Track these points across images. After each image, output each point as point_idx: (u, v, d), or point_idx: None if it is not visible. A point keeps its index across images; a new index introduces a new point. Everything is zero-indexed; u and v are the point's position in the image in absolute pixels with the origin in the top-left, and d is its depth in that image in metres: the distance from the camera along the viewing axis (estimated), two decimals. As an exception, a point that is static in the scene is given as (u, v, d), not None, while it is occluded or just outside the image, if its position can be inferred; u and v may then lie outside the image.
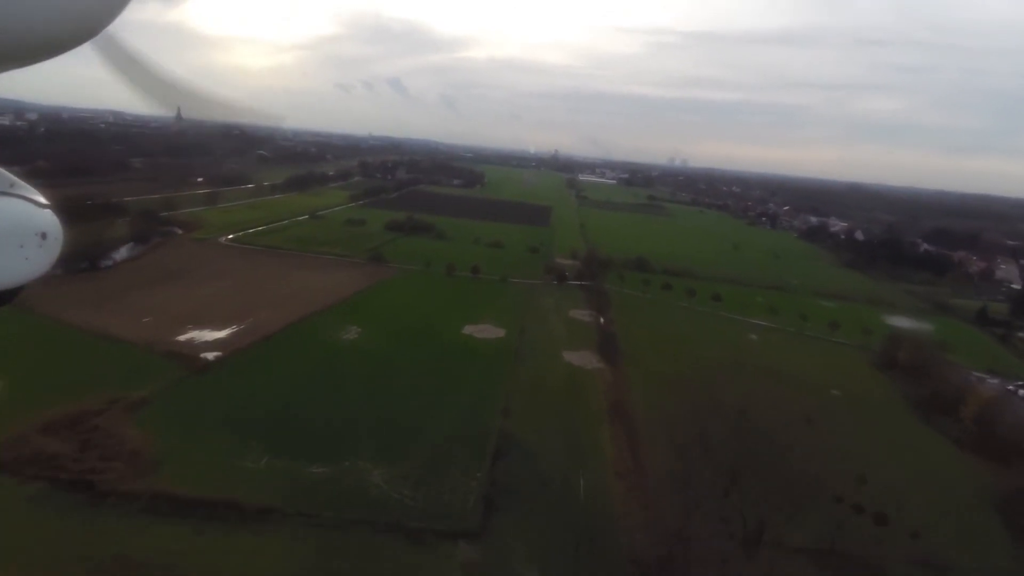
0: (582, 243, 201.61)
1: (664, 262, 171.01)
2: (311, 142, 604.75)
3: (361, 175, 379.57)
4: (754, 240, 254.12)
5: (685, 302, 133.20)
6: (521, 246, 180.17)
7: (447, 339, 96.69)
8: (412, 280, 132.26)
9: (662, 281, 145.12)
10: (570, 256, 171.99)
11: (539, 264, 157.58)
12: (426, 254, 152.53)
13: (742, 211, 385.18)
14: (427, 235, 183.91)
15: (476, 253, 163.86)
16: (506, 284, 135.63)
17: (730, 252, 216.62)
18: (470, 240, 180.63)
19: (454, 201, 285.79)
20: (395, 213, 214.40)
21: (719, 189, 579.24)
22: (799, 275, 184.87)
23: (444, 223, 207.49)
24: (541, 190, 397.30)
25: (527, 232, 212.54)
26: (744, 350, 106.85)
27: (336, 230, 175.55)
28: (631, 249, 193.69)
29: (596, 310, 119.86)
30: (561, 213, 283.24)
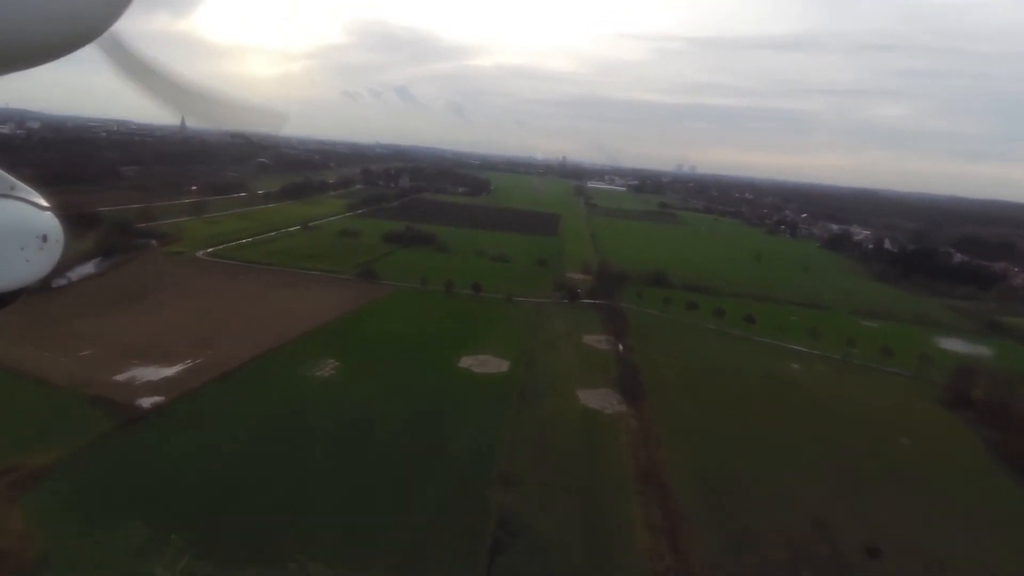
0: (594, 255, 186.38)
1: (684, 276, 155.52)
2: (315, 150, 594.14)
3: (363, 183, 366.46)
4: (776, 250, 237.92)
5: (713, 323, 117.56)
6: (528, 259, 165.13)
7: (440, 375, 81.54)
8: (405, 300, 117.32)
9: (685, 299, 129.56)
10: (582, 270, 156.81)
11: (548, 279, 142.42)
12: (423, 269, 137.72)
13: (758, 219, 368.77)
14: (426, 247, 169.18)
15: (479, 267, 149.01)
16: (511, 304, 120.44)
17: (753, 263, 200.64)
18: (473, 252, 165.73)
19: (458, 210, 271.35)
20: (394, 223, 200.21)
21: (731, 196, 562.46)
22: (831, 290, 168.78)
23: (446, 233, 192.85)
24: (549, 198, 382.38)
25: (534, 243, 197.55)
26: (788, 384, 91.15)
27: (328, 242, 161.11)
28: (647, 261, 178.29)
29: (613, 335, 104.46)
30: (570, 222, 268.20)
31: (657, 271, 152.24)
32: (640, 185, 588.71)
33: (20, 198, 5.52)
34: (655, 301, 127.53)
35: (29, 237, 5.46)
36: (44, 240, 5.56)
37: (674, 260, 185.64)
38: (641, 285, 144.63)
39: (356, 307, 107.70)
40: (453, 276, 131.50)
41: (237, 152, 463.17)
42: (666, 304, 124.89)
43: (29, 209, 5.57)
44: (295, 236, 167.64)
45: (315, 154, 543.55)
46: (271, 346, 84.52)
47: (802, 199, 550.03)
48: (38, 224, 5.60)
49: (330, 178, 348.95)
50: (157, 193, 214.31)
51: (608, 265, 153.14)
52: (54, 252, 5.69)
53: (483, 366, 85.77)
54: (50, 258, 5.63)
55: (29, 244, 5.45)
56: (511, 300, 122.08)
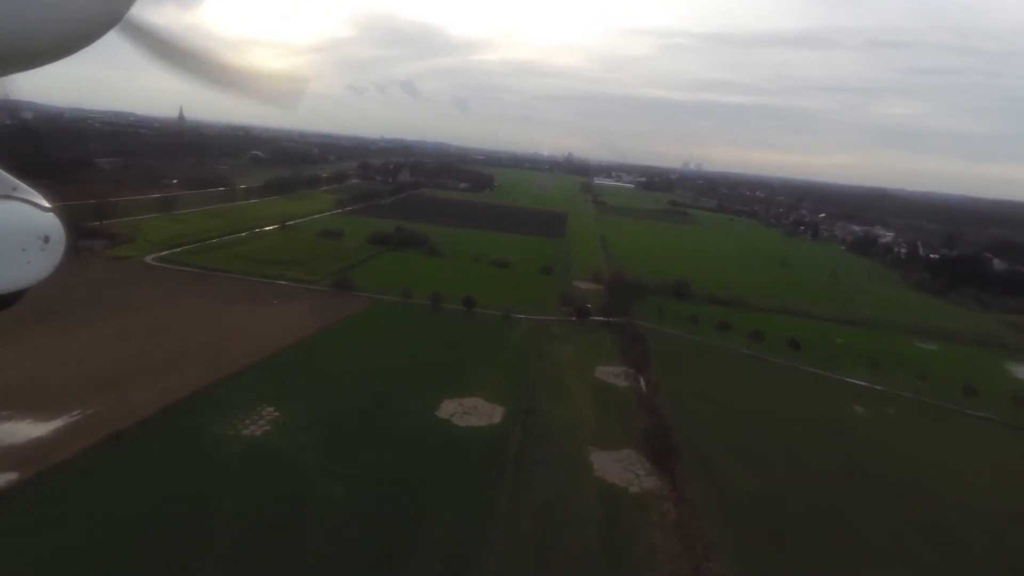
0: (604, 259, 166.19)
1: (707, 286, 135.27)
2: (316, 143, 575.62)
3: (360, 178, 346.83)
4: (800, 254, 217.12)
5: (749, 348, 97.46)
6: (531, 264, 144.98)
7: (412, 429, 61.64)
8: (382, 318, 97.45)
9: (711, 314, 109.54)
10: (591, 278, 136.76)
11: (553, 291, 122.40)
12: (410, 278, 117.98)
13: (774, 219, 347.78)
14: (417, 250, 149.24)
15: (474, 275, 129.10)
16: (509, 322, 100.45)
17: (779, 271, 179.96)
18: (469, 257, 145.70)
19: (457, 207, 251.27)
20: (385, 222, 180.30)
21: (742, 194, 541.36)
22: (868, 302, 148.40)
23: (441, 234, 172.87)
24: (555, 195, 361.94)
25: (539, 246, 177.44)
26: (856, 438, 70.97)
27: (304, 244, 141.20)
28: (664, 267, 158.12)
29: (633, 365, 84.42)
30: (578, 222, 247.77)
31: (677, 281, 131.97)
32: (648, 182, 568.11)
33: (22, 199, 5.45)
34: (679, 319, 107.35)
35: (31, 238, 5.40)
36: (46, 241, 5.48)
37: (693, 266, 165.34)
38: (660, 297, 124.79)
39: (320, 328, 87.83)
40: (444, 286, 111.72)
41: (232, 144, 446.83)
42: (692, 323, 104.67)
43: (31, 210, 5.49)
44: (268, 237, 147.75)
45: (315, 147, 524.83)
46: (195, 388, 64.78)
47: (815, 198, 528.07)
48: (40, 225, 5.51)
49: (325, 172, 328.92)
50: (130, 187, 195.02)
51: (621, 274, 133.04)
52: (55, 253, 5.58)
53: (470, 415, 65.81)
54: (51, 259, 5.55)
55: (31, 245, 5.40)
56: (509, 317, 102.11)
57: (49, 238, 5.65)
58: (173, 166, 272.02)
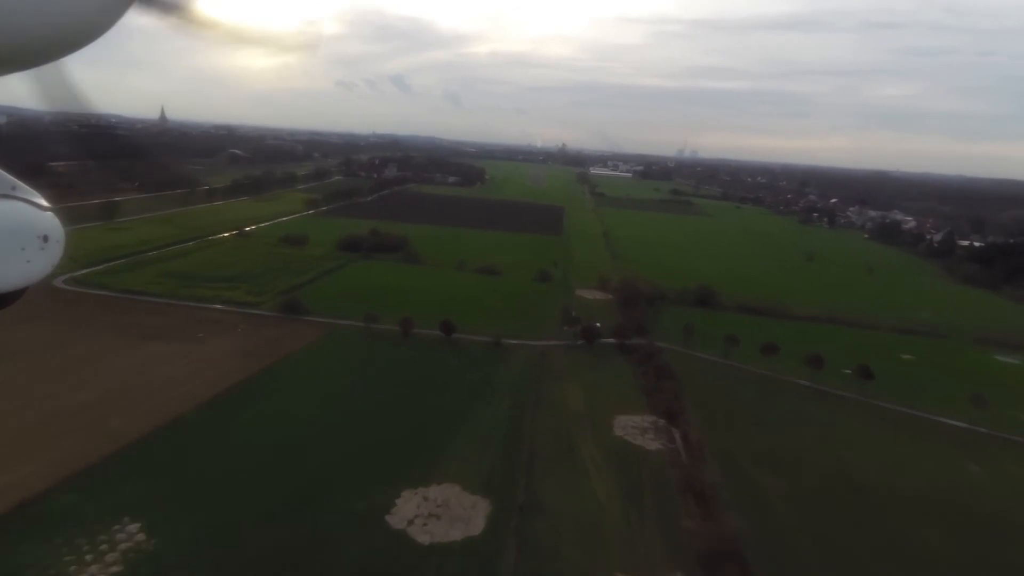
0: (609, 260, 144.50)
1: (735, 291, 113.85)
2: (302, 141, 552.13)
3: (344, 175, 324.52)
4: (822, 245, 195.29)
5: (808, 377, 76.06)
6: (525, 269, 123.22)
7: (348, 557, 40.12)
8: (334, 355, 75.66)
9: (750, 330, 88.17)
10: (598, 285, 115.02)
11: (553, 303, 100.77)
12: (379, 294, 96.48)
13: (784, 206, 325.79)
14: (392, 257, 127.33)
15: (458, 287, 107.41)
16: (499, 353, 78.74)
17: (807, 266, 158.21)
18: (454, 263, 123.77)
19: (445, 204, 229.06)
20: (362, 223, 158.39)
21: (743, 181, 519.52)
22: (916, 301, 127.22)
23: (424, 235, 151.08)
24: (550, 187, 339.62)
25: (534, 245, 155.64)
26: (994, 520, 49.63)
27: (258, 255, 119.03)
28: (678, 267, 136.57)
29: (663, 413, 62.94)
30: (576, 216, 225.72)
31: (701, 287, 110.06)
32: (646, 171, 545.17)
33: (21, 198, 5.43)
34: (710, 337, 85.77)
35: (30, 237, 5.37)
36: (45, 240, 5.44)
37: (710, 264, 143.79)
38: (681, 307, 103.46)
39: (248, 376, 66.09)
40: (420, 304, 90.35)
41: (211, 144, 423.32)
42: (729, 344, 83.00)
43: (30, 209, 5.47)
44: (218, 246, 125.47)
45: (300, 144, 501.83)
46: (34, 489, 43.26)
47: (818, 182, 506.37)
48: (39, 224, 5.48)
49: (305, 170, 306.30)
50: (80, 192, 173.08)
51: (634, 280, 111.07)
52: (55, 252, 5.55)
53: (438, 518, 44.24)
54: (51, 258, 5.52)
55: (30, 244, 5.36)
56: (500, 345, 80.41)
57: (48, 237, 5.44)
58: (139, 168, 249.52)
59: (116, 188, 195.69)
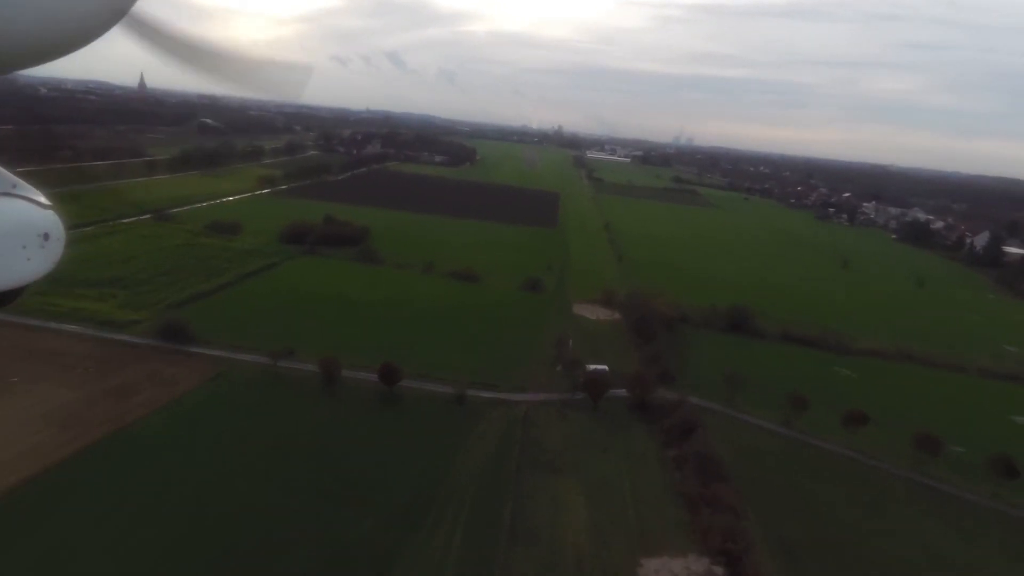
0: (614, 261, 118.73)
1: (772, 308, 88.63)
2: (289, 114, 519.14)
3: (323, 150, 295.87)
4: (851, 247, 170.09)
5: (911, 466, 51.00)
6: (512, 273, 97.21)
7: None
8: (207, 422, 49.31)
9: (809, 374, 63.24)
10: (601, 299, 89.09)
11: (543, 326, 74.96)
12: (308, 312, 70.43)
13: (796, 198, 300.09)
14: (346, 253, 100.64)
15: (421, 300, 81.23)
16: (460, 419, 52.93)
17: (845, 275, 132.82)
18: (421, 264, 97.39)
19: (427, 186, 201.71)
20: (322, 206, 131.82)
21: (746, 170, 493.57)
22: (990, 325, 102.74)
23: (394, 225, 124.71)
24: (545, 170, 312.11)
25: (525, 240, 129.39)
26: None
27: (168, 247, 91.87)
28: (696, 273, 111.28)
29: (721, 554, 37.57)
30: (573, 203, 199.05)
31: (735, 308, 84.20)
32: (645, 156, 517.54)
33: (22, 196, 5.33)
34: (762, 389, 60.37)
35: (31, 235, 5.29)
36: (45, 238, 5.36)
37: (736, 271, 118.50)
38: (711, 332, 78.28)
39: (51, 463, 40.06)
40: (360, 329, 64.59)
41: (185, 112, 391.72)
42: (793, 407, 57.29)
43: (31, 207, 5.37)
44: (122, 234, 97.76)
45: (281, 116, 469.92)
46: None
47: (821, 174, 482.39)
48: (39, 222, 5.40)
49: (278, 143, 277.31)
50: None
51: (647, 296, 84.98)
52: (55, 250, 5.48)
53: None
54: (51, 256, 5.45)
55: (31, 242, 5.28)
56: (463, 402, 54.65)
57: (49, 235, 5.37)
58: (85, 135, 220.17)
59: (43, 156, 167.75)
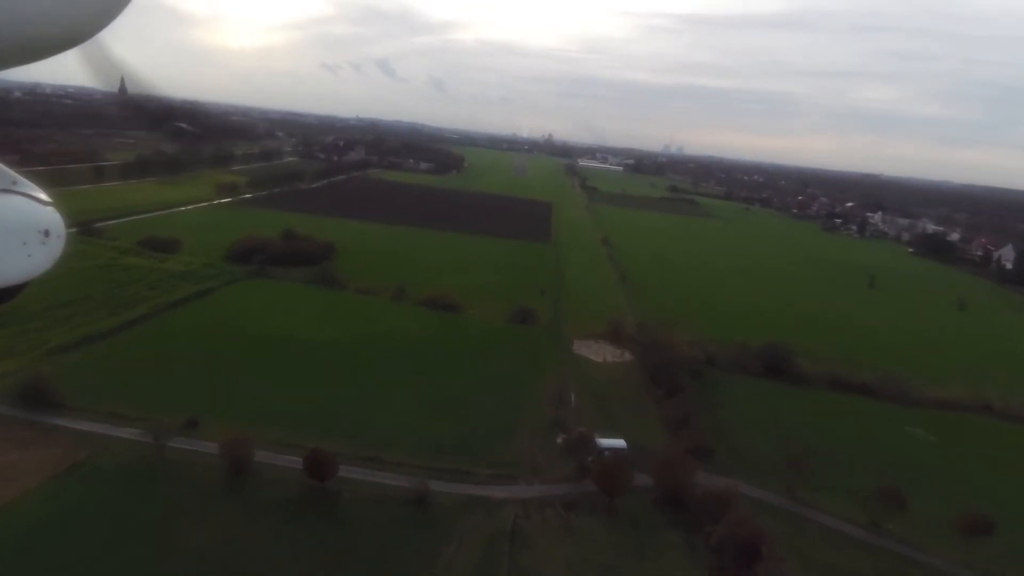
0: (617, 282, 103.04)
1: (808, 341, 73.25)
2: (270, 120, 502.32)
3: (303, 156, 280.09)
4: (870, 262, 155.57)
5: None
6: (498, 299, 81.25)
7: None
8: (47, 531, 32.69)
9: (878, 435, 47.71)
10: (607, 333, 72.95)
11: (537, 374, 58.90)
12: (231, 360, 54.10)
13: (799, 209, 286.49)
14: (303, 275, 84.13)
15: (382, 338, 64.89)
16: (422, 531, 36.74)
17: (875, 297, 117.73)
18: (391, 288, 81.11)
19: (409, 195, 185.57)
20: (286, 217, 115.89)
21: (740, 179, 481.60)
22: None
23: (365, 240, 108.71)
24: (536, 179, 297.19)
25: (514, 257, 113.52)
26: None
27: (83, 269, 74.81)
28: (717, 300, 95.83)
29: None
30: (567, 214, 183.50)
31: (768, 347, 68.34)
32: (637, 165, 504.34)
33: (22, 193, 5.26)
34: (834, 475, 44.61)
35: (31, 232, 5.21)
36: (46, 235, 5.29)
37: (758, 293, 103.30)
38: (744, 376, 62.65)
39: None
40: (291, 395, 48.32)
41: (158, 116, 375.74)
42: (881, 505, 41.48)
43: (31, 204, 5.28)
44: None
45: (264, 123, 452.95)
46: None
47: (815, 183, 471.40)
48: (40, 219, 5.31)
49: (253, 149, 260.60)
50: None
51: (664, 335, 68.91)
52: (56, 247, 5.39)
53: None
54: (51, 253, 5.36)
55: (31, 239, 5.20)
56: (425, 506, 38.50)
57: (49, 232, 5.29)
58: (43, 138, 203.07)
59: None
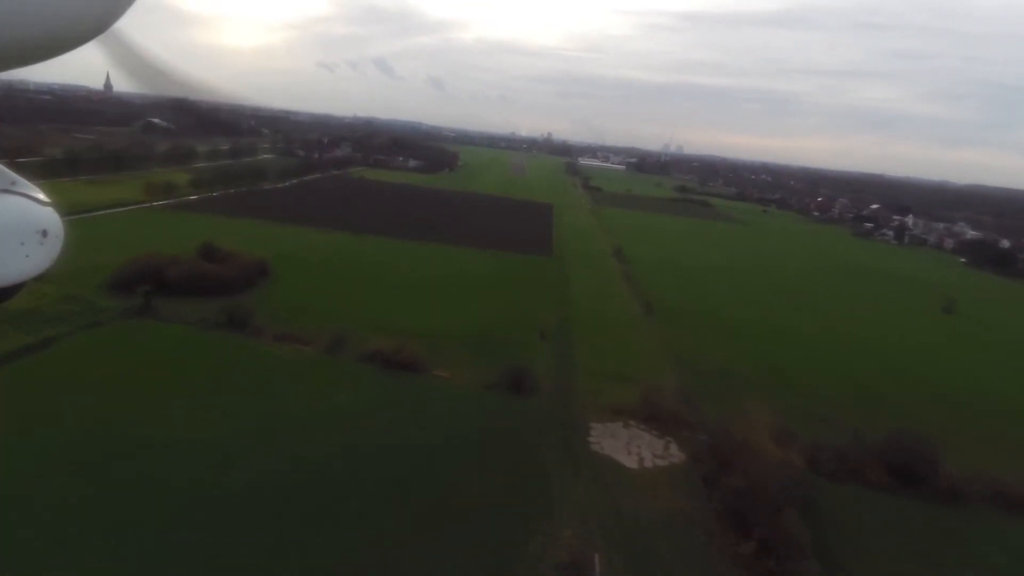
0: (638, 311, 78.28)
1: (918, 410, 48.75)
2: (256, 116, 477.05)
3: (284, 153, 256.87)
4: (925, 276, 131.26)
5: None
6: (479, 348, 56.72)
7: None
8: None
9: None
10: (640, 409, 48.30)
11: (534, 504, 34.41)
12: (71, 463, 29.16)
13: (820, 211, 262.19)
14: (208, 310, 59.43)
15: (288, 440, 40.14)
16: None
17: (962, 328, 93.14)
18: (326, 336, 56.28)
19: (389, 197, 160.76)
20: (233, 223, 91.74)
21: (747, 178, 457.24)
22: None
23: (321, 253, 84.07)
24: (535, 178, 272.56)
25: (507, 276, 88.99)
26: None
27: None
28: (770, 339, 71.20)
29: None
30: (570, 219, 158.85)
31: (895, 440, 43.54)
32: (640, 163, 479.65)
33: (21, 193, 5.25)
34: None
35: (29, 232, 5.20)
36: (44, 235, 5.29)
37: (819, 327, 78.80)
38: (861, 490, 37.74)
39: None
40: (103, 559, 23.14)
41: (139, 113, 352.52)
42: None
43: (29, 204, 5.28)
44: None
45: (251, 119, 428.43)
46: None
47: (827, 184, 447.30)
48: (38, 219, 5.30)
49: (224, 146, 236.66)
50: None
51: (737, 431, 44.29)
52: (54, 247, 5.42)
53: None
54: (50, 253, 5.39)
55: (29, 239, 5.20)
56: None
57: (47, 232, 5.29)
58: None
59: None
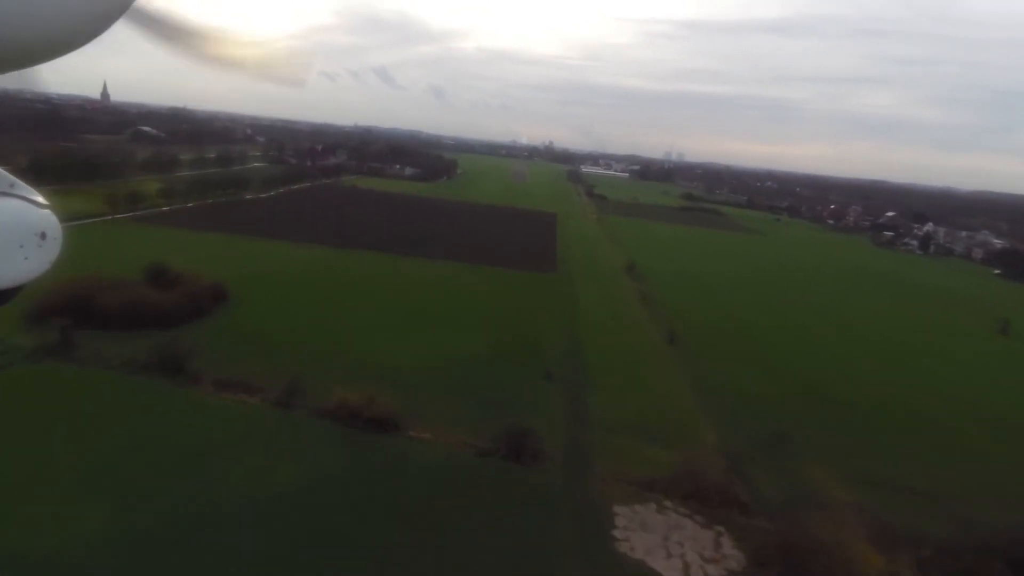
0: (659, 341, 66.70)
1: None
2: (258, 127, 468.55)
3: (276, 161, 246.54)
4: (962, 289, 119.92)
5: None
6: (471, 402, 45.40)
7: None
8: None
9: None
10: (672, 484, 37.00)
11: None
12: None
13: (833, 218, 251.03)
14: (141, 348, 48.24)
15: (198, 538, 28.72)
16: None
17: (1009, 346, 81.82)
18: (280, 381, 44.93)
19: (380, 208, 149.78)
20: (202, 238, 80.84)
21: (752, 185, 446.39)
22: None
23: (295, 273, 72.82)
24: (537, 186, 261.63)
25: (506, 297, 77.67)
26: None
27: None
28: (817, 378, 59.53)
29: None
30: (575, 230, 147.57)
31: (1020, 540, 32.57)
32: (643, 171, 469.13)
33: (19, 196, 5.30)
34: None
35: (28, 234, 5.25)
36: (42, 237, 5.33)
37: (873, 360, 67.31)
38: None
39: None
40: None
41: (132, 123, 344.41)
42: None
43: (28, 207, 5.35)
44: None
45: (247, 128, 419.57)
46: None
47: (836, 192, 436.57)
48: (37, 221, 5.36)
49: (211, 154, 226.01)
50: None
51: (814, 524, 33.07)
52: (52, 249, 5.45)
53: None
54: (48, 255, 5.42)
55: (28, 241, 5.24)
56: None
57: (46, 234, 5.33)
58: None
59: None
